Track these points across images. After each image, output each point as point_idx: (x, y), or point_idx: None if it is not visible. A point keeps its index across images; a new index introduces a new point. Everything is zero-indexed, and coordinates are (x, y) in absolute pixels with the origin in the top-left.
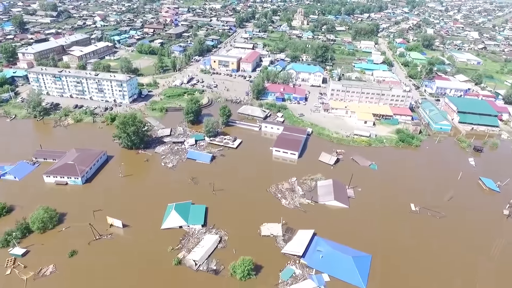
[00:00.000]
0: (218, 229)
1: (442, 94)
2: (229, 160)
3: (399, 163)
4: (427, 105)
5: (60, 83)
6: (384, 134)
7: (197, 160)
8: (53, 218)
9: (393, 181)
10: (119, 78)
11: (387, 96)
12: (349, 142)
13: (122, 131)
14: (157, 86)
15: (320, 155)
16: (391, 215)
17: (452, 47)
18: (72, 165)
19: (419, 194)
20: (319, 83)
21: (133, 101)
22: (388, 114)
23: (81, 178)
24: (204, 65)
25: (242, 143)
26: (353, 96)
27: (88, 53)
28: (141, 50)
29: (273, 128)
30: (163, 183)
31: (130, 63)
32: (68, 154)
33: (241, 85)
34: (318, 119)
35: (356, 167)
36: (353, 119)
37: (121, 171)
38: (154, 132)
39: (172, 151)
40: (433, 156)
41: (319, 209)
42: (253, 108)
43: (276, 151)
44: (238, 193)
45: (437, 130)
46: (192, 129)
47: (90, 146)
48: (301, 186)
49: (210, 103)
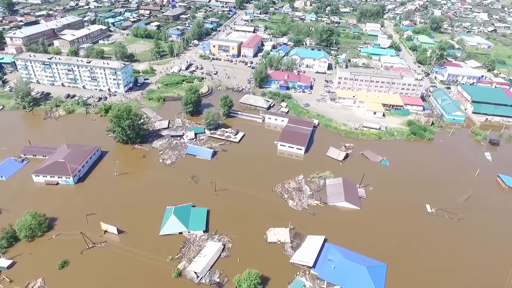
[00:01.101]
0: (221, 235)
1: (454, 81)
2: (231, 155)
3: (412, 159)
4: (439, 94)
5: (50, 70)
6: (394, 126)
7: (197, 156)
8: (42, 224)
9: (406, 179)
10: (112, 65)
11: (398, 84)
12: (358, 135)
13: (116, 125)
14: (153, 74)
15: (328, 150)
16: (405, 217)
17: (460, 29)
18: (63, 164)
19: (434, 193)
20: (324, 70)
21: (129, 90)
22: (399, 104)
23: (73, 178)
24: (203, 50)
25: (245, 136)
26: (362, 85)
27: (80, 37)
28: (137, 34)
29: (277, 119)
30: (161, 182)
31: (125, 48)
32: (58, 150)
33: (243, 72)
34: (324, 110)
35: (366, 163)
36: (361, 109)
37: (116, 170)
38: (151, 124)
39: (171, 146)
40: (447, 150)
41: (328, 211)
42: (255, 98)
43: (281, 146)
44: (241, 193)
45: (450, 121)
46: (192, 120)
47: (82, 140)
48: (309, 185)
49: (210, 92)
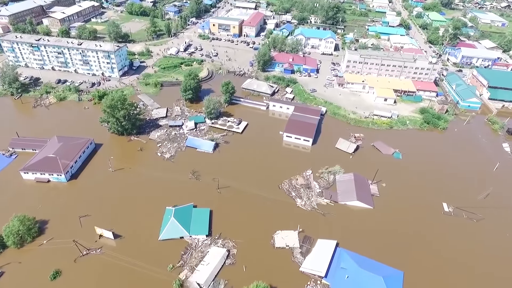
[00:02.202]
0: (225, 239)
1: (468, 64)
2: (234, 148)
3: (426, 150)
4: (453, 78)
5: (39, 53)
6: (406, 114)
7: (198, 149)
8: (32, 229)
9: (420, 174)
10: (106, 48)
11: (410, 68)
12: (368, 124)
13: (110, 115)
14: (150, 56)
15: (337, 142)
16: (422, 218)
17: (472, 5)
18: (53, 159)
19: (451, 190)
20: (331, 51)
21: (124, 74)
22: (411, 90)
23: (65, 175)
24: (203, 29)
25: (248, 126)
26: (371, 69)
27: (71, 15)
28: (132, 11)
29: (282, 107)
30: (160, 179)
31: (119, 28)
32: (49, 144)
33: (244, 53)
34: (332, 96)
35: (377, 156)
36: (371, 95)
37: (111, 165)
38: (147, 113)
39: (169, 137)
40: (462, 141)
41: (339, 211)
42: (259, 83)
43: (287, 137)
44: (246, 191)
45: (465, 108)
46: (191, 108)
47: (75, 131)
48: (318, 182)
49: (210, 76)
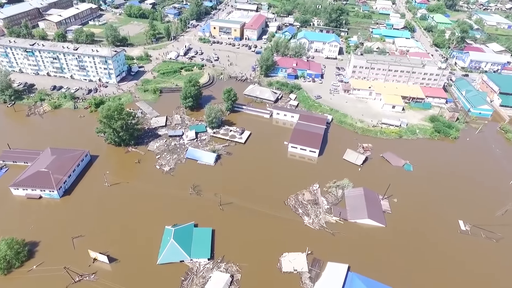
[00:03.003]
0: (228, 262)
1: (476, 68)
2: (237, 160)
3: (437, 162)
4: (462, 84)
5: (33, 58)
6: (415, 122)
7: (199, 161)
8: (20, 253)
9: (433, 188)
10: (103, 53)
11: (418, 74)
12: (377, 134)
13: (106, 126)
14: (149, 60)
15: (345, 153)
16: (437, 238)
17: (476, 7)
18: (46, 174)
19: (466, 206)
20: (335, 55)
21: (122, 80)
22: (420, 96)
23: (58, 191)
24: (203, 32)
25: (251, 135)
26: (378, 74)
27: (68, 17)
28: (130, 13)
29: (286, 115)
30: (159, 194)
31: (117, 32)
32: (42, 156)
33: (246, 57)
34: (338, 103)
35: (387, 169)
36: (378, 102)
37: (107, 180)
38: (146, 122)
39: (169, 148)
40: (475, 151)
41: (349, 229)
42: (261, 89)
43: (293, 148)
44: (250, 208)
45: (476, 116)
46: (192, 116)
47: (70, 142)
48: (326, 197)
49: (211, 82)
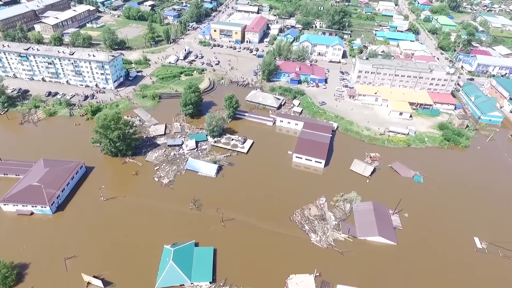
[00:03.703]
0: (232, 286)
1: (484, 72)
2: (239, 171)
3: (448, 172)
4: (470, 89)
5: (28, 63)
6: (424, 130)
7: (199, 172)
8: (8, 278)
9: (445, 201)
10: (99, 58)
11: (425, 79)
12: (384, 142)
13: (103, 136)
14: (147, 64)
15: (352, 164)
16: (452, 256)
17: (480, 8)
18: (38, 188)
19: (481, 220)
20: (338, 59)
21: (119, 85)
22: (428, 102)
23: (51, 207)
24: (203, 35)
25: (254, 144)
26: (384, 79)
27: (65, 20)
28: (129, 16)
29: (290, 123)
30: (157, 210)
31: (114, 35)
32: (34, 168)
33: (247, 61)
34: (343, 109)
35: (396, 180)
36: (384, 108)
37: (102, 194)
38: (144, 130)
39: (168, 159)
40: (487, 161)
41: (359, 248)
42: (264, 95)
43: (297, 158)
44: (254, 224)
45: (486, 123)
46: (192, 124)
47: (64, 152)
48: (333, 211)
49: (212, 87)
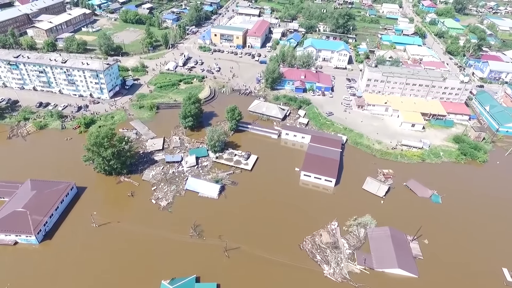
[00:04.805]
0: None
1: (496, 79)
2: (243, 191)
3: (468, 191)
4: (484, 97)
5: (18, 72)
6: (438, 143)
7: (200, 193)
8: None
9: (467, 225)
10: (93, 66)
11: (438, 88)
12: (397, 157)
13: (95, 153)
14: (145, 72)
15: (365, 182)
16: None
17: (486, 10)
18: (23, 214)
19: (509, 248)
20: (344, 65)
21: (115, 95)
22: (441, 113)
23: (36, 235)
24: (203, 40)
25: (258, 160)
26: (394, 88)
27: (59, 24)
28: (126, 19)
29: (296, 136)
30: (155, 238)
31: (110, 40)
32: (20, 191)
33: (249, 68)
34: (351, 120)
35: (413, 200)
36: (395, 119)
37: (94, 221)
38: (141, 144)
39: (166, 177)
40: (508, 178)
41: (377, 282)
42: (268, 105)
43: (305, 176)
44: (260, 255)
45: (503, 134)
46: (192, 137)
47: (54, 169)
48: (346, 238)
49: (213, 96)
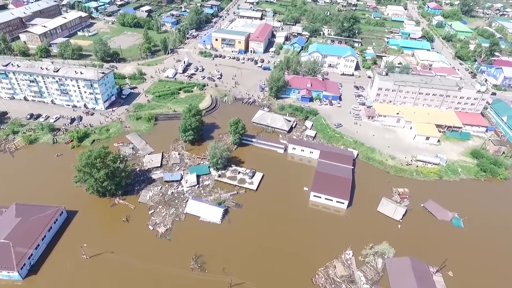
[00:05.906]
0: None
1: (510, 86)
2: (249, 215)
3: (491, 213)
4: (501, 107)
5: (7, 81)
6: (455, 158)
7: (202, 218)
8: None
9: (494, 252)
10: (87, 75)
11: (453, 97)
12: (412, 174)
13: (88, 175)
14: (143, 79)
15: (380, 204)
16: None
17: (492, 12)
18: (5, 246)
19: None
20: (351, 71)
21: (111, 105)
22: (457, 124)
23: (20, 271)
24: (204, 45)
25: (264, 178)
26: (406, 98)
27: (54, 28)
28: (124, 22)
29: (304, 150)
30: (152, 272)
31: (106, 46)
32: (3, 218)
33: (252, 74)
34: (362, 133)
35: (432, 224)
36: (408, 131)
37: (84, 252)
38: (138, 160)
39: (165, 199)
40: None
41: None
42: (273, 116)
43: (315, 197)
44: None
45: None
46: (192, 152)
47: (43, 191)
48: (363, 270)
49: (214, 106)
